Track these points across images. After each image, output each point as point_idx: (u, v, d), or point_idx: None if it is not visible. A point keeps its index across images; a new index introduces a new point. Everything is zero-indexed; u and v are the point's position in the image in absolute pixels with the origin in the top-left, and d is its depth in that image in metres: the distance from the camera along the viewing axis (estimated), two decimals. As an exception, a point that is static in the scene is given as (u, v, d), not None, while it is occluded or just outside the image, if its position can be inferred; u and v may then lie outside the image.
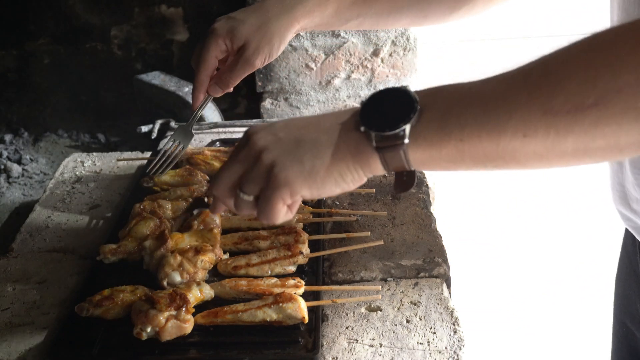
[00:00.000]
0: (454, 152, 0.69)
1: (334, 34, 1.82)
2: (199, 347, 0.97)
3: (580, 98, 0.60)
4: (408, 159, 0.71)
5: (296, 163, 0.74)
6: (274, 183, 0.75)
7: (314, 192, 0.76)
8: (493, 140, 0.66)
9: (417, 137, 0.69)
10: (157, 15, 1.95)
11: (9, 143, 1.94)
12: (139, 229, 1.15)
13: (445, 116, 0.69)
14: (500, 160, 0.68)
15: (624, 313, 1.20)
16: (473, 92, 0.68)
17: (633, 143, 0.61)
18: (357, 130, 0.73)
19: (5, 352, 1.00)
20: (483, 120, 0.66)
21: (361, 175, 0.75)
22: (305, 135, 0.76)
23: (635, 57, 0.58)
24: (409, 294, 1.09)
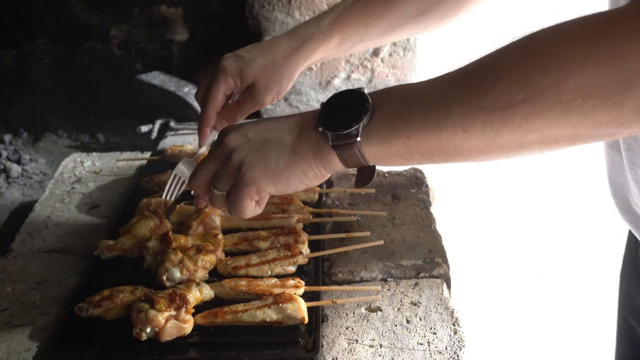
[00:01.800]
0: (403, 148, 0.75)
1: (333, 34, 1.82)
2: (199, 347, 0.97)
3: (511, 95, 0.65)
4: (363, 155, 0.77)
5: (262, 163, 0.81)
6: (241, 181, 0.82)
7: (279, 189, 0.82)
8: (436, 136, 0.72)
9: (369, 135, 0.75)
10: (157, 15, 1.95)
11: (9, 143, 1.93)
12: (139, 227, 1.15)
13: (394, 115, 0.75)
14: (446, 155, 0.74)
15: (627, 310, 1.20)
16: (419, 92, 0.75)
17: (566, 136, 0.66)
18: (316, 130, 0.79)
19: (5, 352, 0.99)
20: (426, 118, 0.72)
21: (322, 172, 0.81)
22: (271, 135, 0.83)
23: (559, 57, 0.63)
24: (409, 294, 1.09)
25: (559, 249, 2.32)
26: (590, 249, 2.33)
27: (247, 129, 0.85)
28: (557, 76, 0.63)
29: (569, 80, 0.62)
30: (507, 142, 0.69)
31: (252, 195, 0.82)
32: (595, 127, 0.65)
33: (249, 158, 0.82)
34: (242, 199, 0.82)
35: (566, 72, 0.63)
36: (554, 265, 2.35)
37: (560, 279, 2.36)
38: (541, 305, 2.37)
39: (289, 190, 0.83)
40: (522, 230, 2.29)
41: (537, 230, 2.29)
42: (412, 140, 0.73)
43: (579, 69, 0.62)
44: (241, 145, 0.83)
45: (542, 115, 0.65)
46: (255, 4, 1.78)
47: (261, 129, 0.84)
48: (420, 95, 0.74)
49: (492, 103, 0.67)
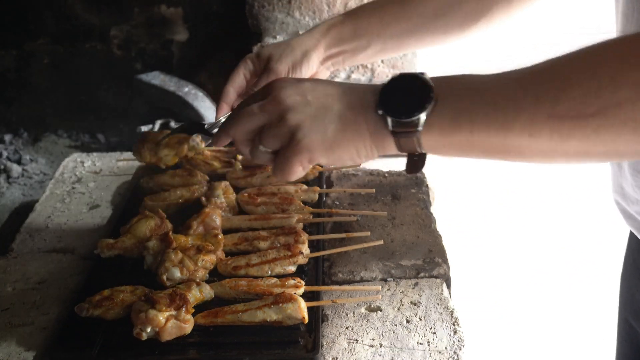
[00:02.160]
0: (463, 143, 0.73)
1: (333, 34, 1.82)
2: (199, 347, 0.97)
3: (583, 106, 0.64)
4: (420, 144, 0.75)
5: (320, 133, 0.78)
6: (296, 147, 0.78)
7: (329, 161, 0.80)
8: (500, 135, 0.70)
9: (430, 125, 0.73)
10: (157, 15, 1.95)
11: (9, 143, 1.93)
12: (139, 227, 1.15)
13: (458, 109, 0.72)
14: (507, 154, 0.72)
15: (627, 311, 1.20)
16: (485, 88, 0.72)
17: (632, 151, 0.66)
18: (376, 112, 0.76)
19: (5, 352, 0.99)
20: (492, 117, 0.70)
21: (374, 153, 0.79)
22: (331, 104, 0.79)
23: (636, 73, 0.61)
24: (409, 294, 1.09)
25: (559, 249, 2.32)
26: (590, 250, 2.33)
27: (306, 89, 0.81)
28: (631, 93, 0.62)
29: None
30: (572, 150, 0.68)
31: (304, 163, 0.79)
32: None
33: (307, 124, 0.78)
34: (294, 164, 0.79)
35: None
36: (554, 266, 2.35)
37: (560, 279, 2.36)
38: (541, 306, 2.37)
39: (337, 164, 0.82)
40: (522, 230, 2.29)
41: (537, 231, 2.29)
42: (474, 136, 0.72)
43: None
44: (300, 107, 0.79)
45: (613, 130, 0.64)
46: (255, 4, 1.78)
47: (320, 93, 0.80)
48: (487, 91, 0.72)
49: (563, 112, 0.65)
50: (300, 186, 1.29)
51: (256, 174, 1.35)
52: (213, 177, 1.36)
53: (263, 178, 1.34)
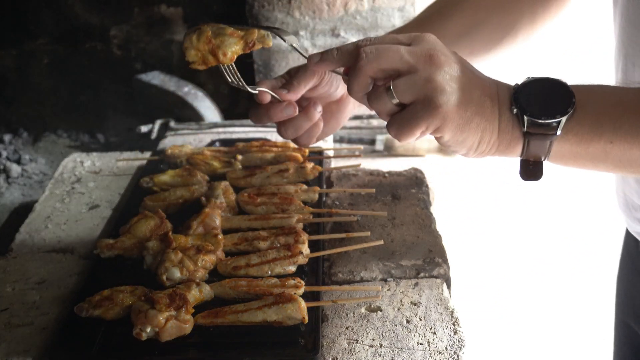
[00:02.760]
0: (599, 152, 0.70)
1: (333, 34, 1.82)
2: (199, 347, 0.97)
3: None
4: (550, 150, 0.72)
5: (463, 105, 0.73)
6: (434, 109, 0.72)
7: (452, 139, 0.75)
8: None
9: (568, 131, 0.71)
10: (156, 15, 1.95)
11: (9, 143, 1.93)
12: (139, 227, 1.15)
13: (601, 117, 0.70)
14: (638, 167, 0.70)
15: (626, 313, 1.20)
16: (629, 99, 0.70)
17: None
18: (510, 110, 0.73)
19: (5, 352, 0.99)
20: (637, 127, 0.68)
21: (491, 150, 0.76)
22: (476, 84, 0.75)
23: None
24: (409, 294, 1.09)
25: (559, 250, 2.32)
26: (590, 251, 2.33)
27: (457, 59, 0.75)
28: None
29: None
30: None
31: (430, 128, 0.74)
32: None
33: (453, 90, 0.73)
34: (420, 124, 0.73)
35: None
36: (553, 266, 2.35)
37: (561, 279, 2.36)
38: (541, 306, 2.37)
39: (455, 146, 0.76)
40: (522, 231, 2.29)
41: (537, 231, 2.29)
42: (614, 146, 0.69)
43: None
44: (451, 71, 0.73)
45: None
46: (255, 4, 1.78)
47: (468, 69, 0.75)
48: (631, 103, 0.70)
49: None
50: (300, 186, 1.29)
51: (256, 174, 1.35)
52: (213, 177, 1.36)
53: (263, 178, 1.34)
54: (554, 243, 2.31)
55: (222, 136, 1.65)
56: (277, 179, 1.34)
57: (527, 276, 2.35)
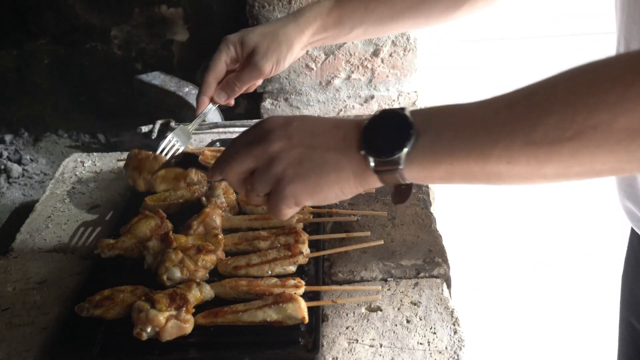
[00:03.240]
0: (444, 174, 0.74)
1: (334, 34, 1.82)
2: (199, 347, 0.97)
3: (559, 132, 0.65)
4: (404, 178, 0.77)
5: (303, 179, 0.80)
6: (281, 193, 0.81)
7: (315, 203, 0.82)
8: (479, 164, 0.71)
9: (411, 161, 0.75)
10: (157, 15, 1.95)
11: (9, 143, 1.93)
12: (139, 227, 1.15)
13: (438, 142, 0.74)
14: (487, 180, 0.74)
15: (630, 312, 1.20)
16: (463, 119, 0.73)
17: (609, 170, 0.67)
18: (359, 153, 0.77)
19: (6, 351, 1.00)
20: (471, 147, 0.71)
21: (359, 189, 0.81)
22: (315, 144, 0.80)
23: (610, 96, 0.62)
24: (409, 294, 1.09)
25: (559, 249, 2.32)
26: (591, 250, 2.33)
27: (292, 130, 0.82)
28: (607, 116, 0.62)
29: (618, 120, 0.62)
30: (550, 173, 0.69)
31: (290, 206, 0.82)
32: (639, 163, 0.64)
33: (290, 172, 0.80)
34: (281, 208, 0.82)
35: (616, 112, 0.62)
36: (554, 266, 2.35)
37: (561, 279, 2.36)
38: (541, 306, 2.37)
39: (324, 203, 0.83)
40: (522, 231, 2.29)
41: (537, 231, 2.29)
42: (455, 167, 0.73)
43: (629, 109, 0.61)
44: (284, 154, 0.81)
45: (589, 152, 0.64)
46: (255, 4, 1.78)
47: (306, 134, 0.82)
48: (465, 122, 0.73)
49: (539, 138, 0.66)
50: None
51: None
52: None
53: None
54: (555, 243, 2.31)
55: (223, 136, 1.65)
56: None
57: (528, 276, 2.35)
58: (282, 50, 1.13)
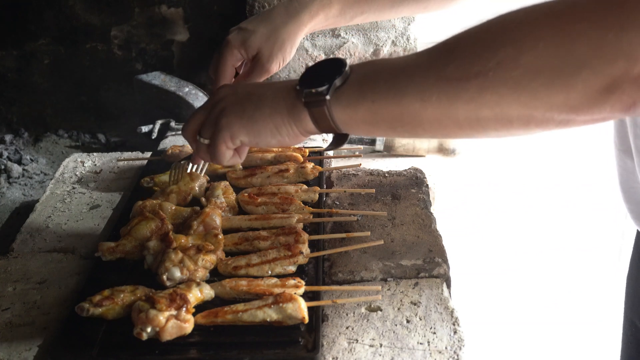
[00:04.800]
0: (368, 114, 0.77)
1: (334, 34, 1.82)
2: (199, 347, 0.97)
3: (467, 67, 0.67)
4: (333, 118, 0.80)
5: (239, 111, 0.86)
6: (217, 127, 0.87)
7: (251, 139, 0.87)
8: (396, 102, 0.74)
9: (338, 97, 0.79)
10: (157, 15, 1.95)
11: (9, 143, 1.94)
12: (139, 229, 1.15)
13: (364, 81, 0.78)
14: (407, 124, 0.76)
15: (634, 313, 1.20)
16: (391, 63, 0.77)
17: (519, 116, 0.67)
18: (294, 89, 0.83)
19: (6, 352, 1.00)
20: (390, 85, 0.75)
21: (295, 130, 0.84)
22: (256, 91, 0.88)
23: (516, 33, 0.65)
24: (409, 294, 1.09)
25: (560, 249, 2.32)
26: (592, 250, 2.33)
27: (239, 85, 0.90)
28: (511, 52, 0.64)
29: (521, 57, 0.63)
30: (461, 116, 0.70)
31: (227, 141, 0.87)
32: (546, 109, 0.65)
33: (229, 107, 0.87)
34: (218, 144, 0.87)
35: (520, 48, 0.64)
36: (555, 265, 2.35)
37: (561, 279, 2.36)
38: (542, 306, 2.37)
39: (261, 142, 0.87)
40: (522, 230, 2.29)
41: (538, 230, 2.29)
42: (376, 105, 0.76)
43: (532, 46, 0.63)
44: (227, 97, 0.88)
45: (494, 90, 0.66)
46: (255, 4, 1.78)
47: (251, 85, 0.90)
48: (392, 65, 0.77)
49: (449, 73, 0.69)
50: (301, 186, 1.30)
51: (256, 174, 1.35)
52: (213, 177, 1.36)
53: (263, 178, 1.34)
54: (555, 243, 2.31)
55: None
56: (277, 179, 1.34)
57: (528, 276, 2.35)
58: (285, 49, 1.15)
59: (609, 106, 0.62)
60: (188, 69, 1.98)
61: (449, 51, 0.71)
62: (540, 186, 2.22)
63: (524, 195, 2.23)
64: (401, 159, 1.65)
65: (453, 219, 1.90)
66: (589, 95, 0.62)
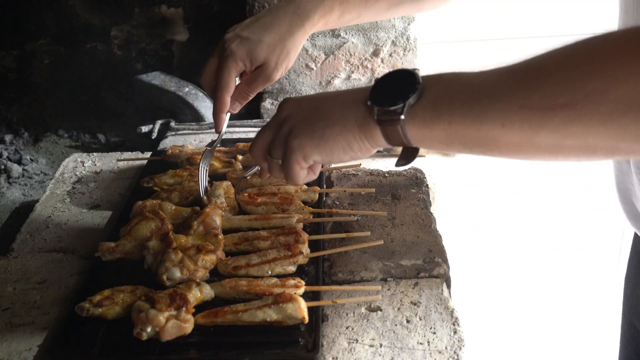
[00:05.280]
0: (443, 134, 0.75)
1: (333, 34, 1.82)
2: (199, 347, 0.97)
3: (553, 97, 0.65)
4: (406, 135, 0.77)
5: (308, 131, 0.84)
6: (289, 148, 0.86)
7: (324, 157, 0.85)
8: (475, 126, 0.72)
9: (413, 115, 0.76)
10: (157, 15, 1.95)
11: (9, 143, 1.94)
12: (139, 229, 1.15)
13: (440, 99, 0.75)
14: (484, 147, 0.74)
15: (632, 314, 1.20)
16: (467, 81, 0.74)
17: (604, 147, 0.66)
18: (365, 104, 0.80)
19: (6, 352, 1.00)
20: (468, 108, 0.72)
21: (367, 145, 0.83)
22: (323, 105, 0.85)
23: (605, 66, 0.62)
24: (409, 294, 1.09)
25: (560, 249, 2.32)
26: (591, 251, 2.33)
27: (303, 99, 0.88)
28: (600, 85, 0.62)
29: (611, 90, 0.61)
30: (543, 143, 0.68)
31: (300, 162, 0.86)
32: (634, 142, 0.63)
33: (298, 126, 0.85)
34: (291, 165, 0.86)
35: (610, 82, 0.62)
36: (555, 266, 2.35)
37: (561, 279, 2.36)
38: (542, 306, 2.37)
39: (334, 159, 0.86)
40: (522, 230, 2.29)
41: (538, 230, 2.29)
42: (452, 127, 0.73)
43: (623, 80, 0.61)
44: (293, 114, 0.87)
45: (581, 122, 0.64)
46: (255, 4, 1.78)
47: (315, 99, 0.87)
48: (468, 84, 0.74)
49: (534, 102, 0.66)
50: (301, 186, 1.30)
51: (256, 173, 1.35)
52: (213, 177, 1.36)
53: (263, 178, 1.34)
54: (555, 243, 2.31)
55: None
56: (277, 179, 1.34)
57: (528, 276, 2.35)
58: (290, 58, 1.15)
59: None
60: (188, 69, 1.98)
61: (534, 77, 0.68)
62: (540, 186, 2.21)
63: (524, 195, 2.23)
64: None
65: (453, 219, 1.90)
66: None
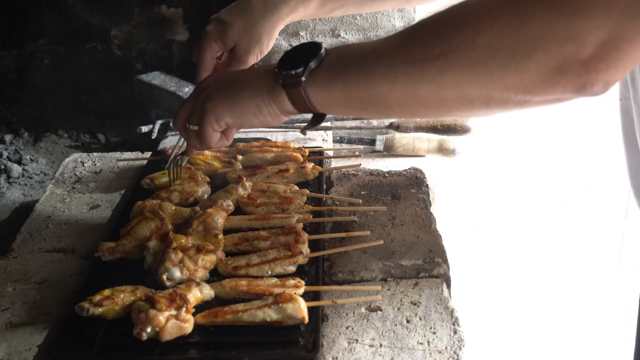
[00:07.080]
0: (340, 95, 0.82)
1: (333, 34, 1.82)
2: (199, 347, 0.97)
3: (430, 49, 0.71)
4: (309, 97, 0.84)
5: (222, 95, 0.92)
6: (203, 112, 0.93)
7: (235, 120, 0.92)
8: (366, 84, 0.78)
9: (313, 78, 0.83)
10: (157, 15, 1.95)
11: (9, 143, 1.94)
12: (139, 229, 1.15)
13: (337, 63, 0.83)
14: (377, 105, 0.81)
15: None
16: (362, 46, 0.82)
17: (479, 97, 0.71)
18: (274, 71, 0.87)
19: (6, 351, 1.00)
20: (360, 67, 0.79)
21: (275, 110, 0.90)
22: (238, 77, 0.94)
23: (473, 16, 0.68)
24: (409, 294, 1.09)
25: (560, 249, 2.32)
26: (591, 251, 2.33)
27: (222, 74, 0.97)
28: (469, 34, 0.67)
29: (479, 38, 0.67)
30: (426, 96, 0.74)
31: (213, 124, 0.92)
32: (504, 90, 0.68)
33: (213, 93, 0.92)
34: (205, 127, 0.93)
35: (478, 30, 0.67)
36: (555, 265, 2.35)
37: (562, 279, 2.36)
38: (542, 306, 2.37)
39: (245, 123, 0.92)
40: (523, 230, 2.29)
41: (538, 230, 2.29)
42: (347, 87, 0.80)
43: (489, 28, 0.66)
44: (210, 85, 0.94)
45: (455, 71, 0.69)
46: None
47: (233, 72, 0.96)
48: (363, 48, 0.81)
49: (413, 56, 0.73)
50: (291, 186, 1.29)
51: (256, 174, 1.35)
52: (213, 177, 1.36)
53: (263, 178, 1.34)
54: (555, 243, 2.31)
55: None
56: (277, 179, 1.34)
57: (528, 276, 2.35)
58: (263, 42, 1.17)
59: (560, 87, 0.65)
60: (188, 69, 1.98)
61: (414, 35, 0.75)
62: (540, 186, 2.21)
63: (524, 195, 2.23)
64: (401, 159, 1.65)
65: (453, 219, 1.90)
66: (541, 76, 0.65)
